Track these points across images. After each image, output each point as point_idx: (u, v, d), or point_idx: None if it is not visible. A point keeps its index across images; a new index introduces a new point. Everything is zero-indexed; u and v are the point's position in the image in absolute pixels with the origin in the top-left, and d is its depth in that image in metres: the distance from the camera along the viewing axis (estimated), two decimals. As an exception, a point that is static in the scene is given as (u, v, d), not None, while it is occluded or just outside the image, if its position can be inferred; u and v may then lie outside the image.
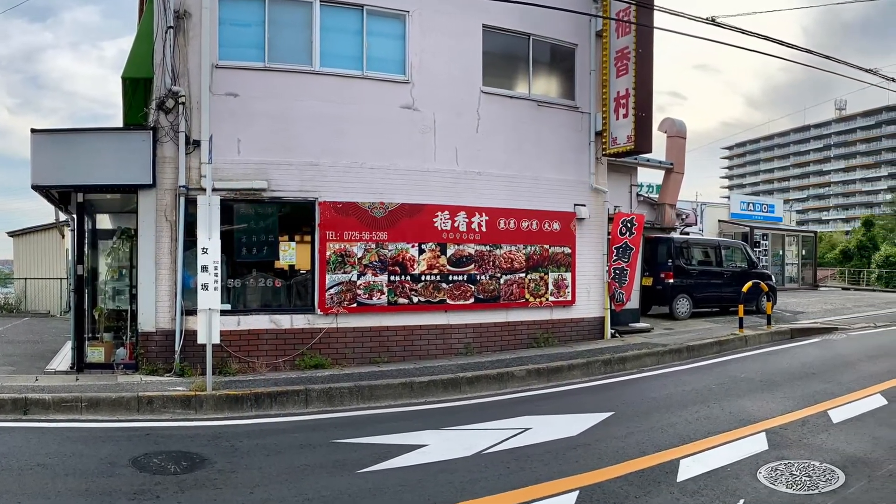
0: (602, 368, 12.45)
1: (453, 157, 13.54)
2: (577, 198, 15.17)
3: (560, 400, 10.53)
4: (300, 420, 9.27)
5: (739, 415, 9.10)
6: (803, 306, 25.07)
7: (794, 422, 8.70)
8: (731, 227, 37.79)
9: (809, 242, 42.09)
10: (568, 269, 14.94)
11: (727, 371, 12.50)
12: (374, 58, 12.97)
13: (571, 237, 14.99)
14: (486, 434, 8.28)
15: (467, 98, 13.77)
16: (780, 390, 10.60)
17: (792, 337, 16.61)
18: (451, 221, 13.42)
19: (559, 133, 14.99)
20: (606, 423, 8.81)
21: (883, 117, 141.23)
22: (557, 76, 15.56)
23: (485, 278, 13.80)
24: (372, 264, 12.72)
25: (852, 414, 9.01)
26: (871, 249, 54.41)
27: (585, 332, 15.31)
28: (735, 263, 23.09)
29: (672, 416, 9.07)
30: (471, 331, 13.73)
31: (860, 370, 12.13)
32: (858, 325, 18.83)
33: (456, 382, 10.88)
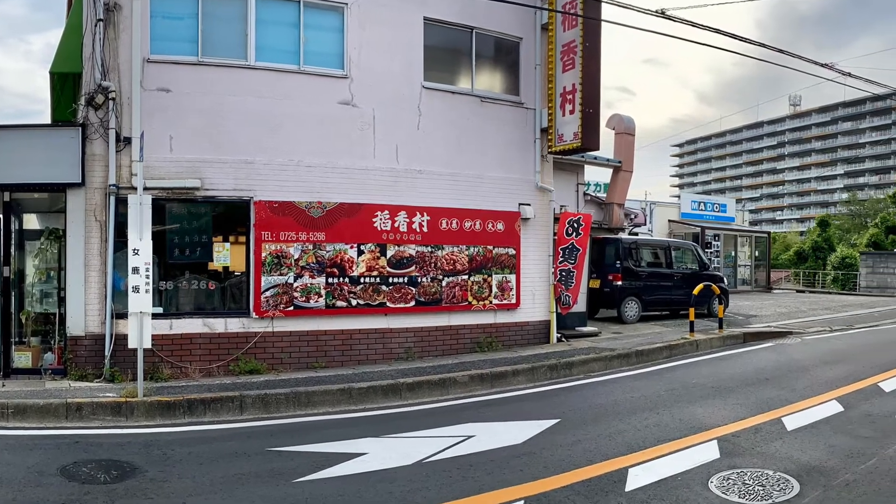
0: (548, 374, 12.68)
1: (393, 155, 13.85)
2: (522, 197, 15.55)
3: (504, 406, 10.68)
4: (235, 427, 9.40)
5: (690, 422, 9.28)
6: (756, 309, 25.76)
7: (747, 429, 8.87)
8: (682, 227, 38.65)
9: (763, 243, 43.13)
10: (512, 271, 15.30)
11: (678, 377, 12.77)
12: (311, 52, 13.24)
13: (516, 238, 15.35)
14: (427, 442, 8.42)
15: (408, 93, 14.10)
16: (732, 396, 10.84)
17: (745, 341, 17.10)
18: (392, 221, 13.72)
19: (503, 130, 15.36)
20: (552, 430, 8.95)
21: (839, 113, 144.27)
22: (502, 71, 15.95)
23: (426, 280, 14.13)
24: (309, 266, 12.98)
25: (807, 421, 9.22)
26: (827, 251, 55.75)
27: (530, 337, 15.69)
28: (686, 265, 23.68)
29: (620, 424, 9.24)
30: (412, 335, 14.05)
31: (815, 376, 12.46)
32: (814, 330, 19.36)
33: (396, 388, 11.09)
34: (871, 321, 22.16)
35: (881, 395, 10.78)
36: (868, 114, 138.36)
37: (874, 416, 9.50)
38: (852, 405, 10.09)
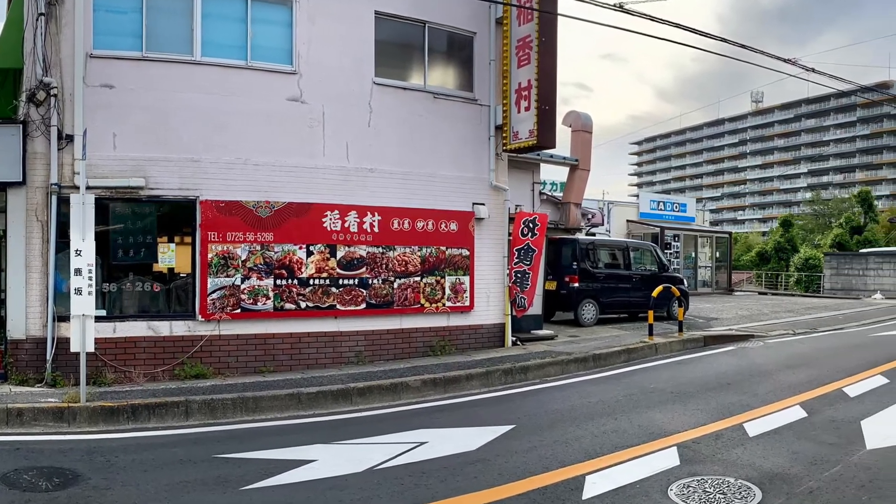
0: (502, 378, 12.90)
1: (344, 153, 14.09)
2: (476, 196, 15.81)
3: (458, 412, 10.83)
4: (180, 434, 9.52)
5: (649, 428, 9.37)
6: (717, 312, 26.18)
7: (707, 435, 8.97)
8: (641, 227, 39.15)
9: (724, 244, 43.67)
10: (466, 273, 15.55)
11: (636, 381, 12.96)
12: (258, 47, 13.43)
13: (470, 238, 15.61)
14: (378, 448, 8.50)
15: (359, 90, 14.33)
16: (692, 402, 10.98)
17: (705, 345, 17.36)
18: (342, 221, 13.94)
19: (457, 127, 15.63)
20: (507, 436, 9.04)
21: (802, 110, 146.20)
22: (455, 67, 16.24)
23: (377, 282, 14.36)
24: (257, 267, 13.18)
25: (769, 427, 9.31)
26: (790, 251, 56.59)
27: (485, 340, 15.94)
28: (644, 266, 24.08)
29: (577, 430, 9.34)
30: (362, 338, 14.28)
31: (778, 380, 12.66)
32: (776, 333, 19.76)
33: (347, 393, 11.26)
34: (835, 324, 22.55)
35: (846, 401, 10.93)
36: (832, 111, 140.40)
37: (838, 421, 9.61)
38: (816, 411, 10.23)
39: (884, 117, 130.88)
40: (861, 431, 9.09)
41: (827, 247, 58.27)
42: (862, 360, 14.72)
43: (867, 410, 10.24)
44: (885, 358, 14.97)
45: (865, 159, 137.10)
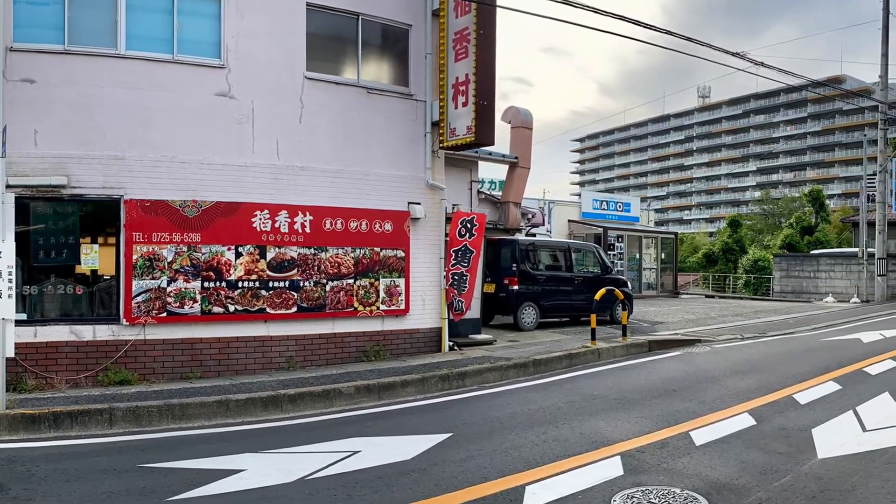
0: (439, 385, 13.11)
1: (274, 150, 14.32)
2: (412, 195, 16.06)
3: (393, 420, 10.96)
4: (104, 442, 9.63)
5: (592, 436, 9.48)
6: (663, 316, 26.68)
7: (652, 444, 9.07)
8: (583, 227, 39.63)
9: (669, 245, 44.40)
10: (401, 275, 15.83)
11: (578, 388, 13.11)
12: (185, 40, 13.61)
13: (405, 239, 15.87)
14: (310, 458, 8.61)
15: (290, 84, 14.57)
16: (636, 409, 11.12)
17: (650, 350, 17.70)
18: (272, 221, 14.18)
19: (392, 123, 15.88)
20: (444, 445, 9.14)
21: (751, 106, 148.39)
22: (390, 60, 16.55)
23: (309, 285, 14.61)
24: (183, 269, 13.39)
25: (717, 435, 9.45)
26: (738, 252, 57.38)
27: (421, 345, 16.24)
28: (587, 268, 24.49)
29: (517, 438, 9.43)
30: (293, 343, 14.54)
31: (726, 387, 12.85)
32: (724, 337, 20.15)
33: (277, 400, 11.43)
34: (785, 328, 22.99)
35: (796, 408, 11.10)
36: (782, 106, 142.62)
37: (789, 430, 9.75)
38: (765, 418, 10.39)
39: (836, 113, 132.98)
40: (812, 440, 9.24)
41: (777, 248, 59.47)
42: (813, 366, 14.99)
43: (819, 418, 10.40)
44: (837, 363, 15.26)
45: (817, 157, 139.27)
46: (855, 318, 27.04)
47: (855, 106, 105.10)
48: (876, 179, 37.81)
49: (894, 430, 9.71)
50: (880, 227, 37.08)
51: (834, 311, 30.29)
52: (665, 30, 18.68)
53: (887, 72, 37.03)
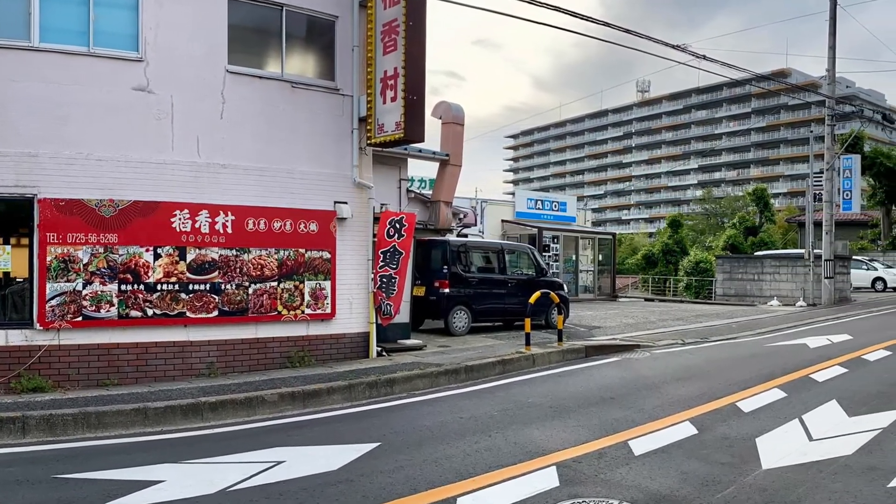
0: (367, 392, 13.33)
1: (194, 148, 14.48)
2: (338, 194, 16.26)
3: (318, 428, 11.18)
4: (17, 452, 9.74)
5: (526, 446, 9.65)
6: (600, 320, 27.14)
7: (589, 454, 9.24)
8: (517, 228, 40.09)
9: (607, 246, 44.98)
10: (327, 277, 16.03)
11: (512, 395, 13.34)
12: (102, 32, 13.73)
13: (331, 240, 16.08)
14: (232, 468, 8.78)
15: (211, 79, 14.73)
16: (573, 418, 11.34)
17: (587, 356, 17.99)
18: (192, 222, 14.34)
19: (318, 119, 16.07)
20: (372, 455, 9.31)
21: (692, 101, 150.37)
22: (316, 54, 16.76)
23: (231, 288, 14.78)
24: (100, 271, 13.53)
25: (657, 445, 9.64)
26: (679, 254, 57.87)
27: (347, 351, 16.44)
28: (521, 270, 24.83)
29: (448, 448, 9.60)
30: (215, 349, 14.70)
31: (666, 394, 13.12)
32: (664, 343, 20.50)
33: (197, 408, 11.61)
34: (728, 333, 23.38)
35: (739, 416, 11.37)
36: (725, 101, 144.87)
37: (732, 439, 9.98)
38: (707, 427, 10.61)
39: (781, 109, 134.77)
40: (756, 449, 9.44)
41: (719, 249, 60.41)
42: (757, 373, 15.30)
43: (763, 427, 10.62)
44: (782, 370, 15.57)
45: (761, 154, 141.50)
46: (801, 322, 27.60)
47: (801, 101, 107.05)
48: (823, 178, 38.14)
49: (842, 440, 9.91)
50: (827, 227, 37.33)
51: (779, 315, 30.80)
52: (603, 21, 19.15)
53: (835, 65, 37.40)
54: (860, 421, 11.04)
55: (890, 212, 62.04)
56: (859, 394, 13.15)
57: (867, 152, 57.60)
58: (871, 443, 9.78)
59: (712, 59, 24.59)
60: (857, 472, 8.51)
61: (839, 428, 10.62)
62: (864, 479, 8.29)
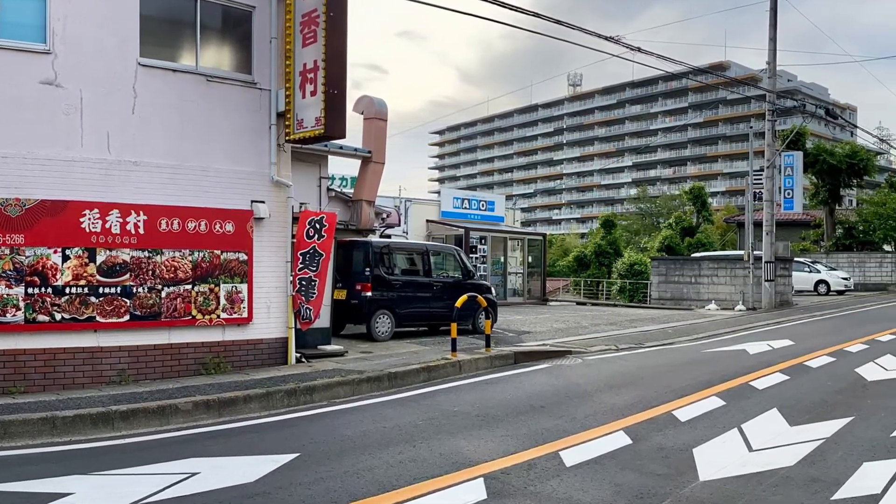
0: (285, 400, 13.55)
1: (105, 144, 14.59)
2: (256, 193, 16.42)
3: (235, 438, 11.32)
4: None
5: (452, 457, 9.83)
6: (530, 325, 27.60)
7: (518, 465, 9.44)
8: (443, 228, 40.56)
9: (537, 247, 45.58)
10: (244, 280, 16.18)
11: (438, 404, 13.61)
12: (7, 22, 13.77)
13: (248, 241, 16.24)
14: (144, 480, 8.87)
15: (122, 72, 14.85)
16: (501, 427, 11.55)
17: (516, 362, 18.38)
18: (102, 222, 14.44)
19: (234, 114, 16.22)
20: (290, 466, 9.48)
21: (626, 95, 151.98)
22: (232, 46, 16.92)
23: (143, 291, 14.91)
24: (6, 274, 13.61)
25: (589, 455, 9.84)
26: (612, 256, 59.21)
27: (265, 357, 16.63)
28: (447, 273, 25.26)
29: (370, 459, 9.77)
30: (126, 355, 14.83)
31: (599, 402, 13.41)
32: (597, 348, 20.96)
33: (108, 417, 11.74)
34: (664, 338, 23.91)
35: (676, 426, 11.65)
36: (660, 95, 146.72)
37: (668, 449, 10.21)
38: (642, 437, 10.86)
39: (719, 103, 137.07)
40: (693, 460, 9.65)
41: (655, 251, 61.38)
42: (694, 380, 15.66)
43: (700, 437, 10.87)
44: (720, 377, 15.94)
45: (698, 151, 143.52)
46: (740, 327, 28.23)
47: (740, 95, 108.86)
48: (763, 175, 38.79)
49: (783, 451, 10.16)
50: (768, 227, 38.27)
51: (717, 320, 31.32)
52: (532, 12, 19.48)
53: (775, 58, 38.02)
54: (802, 430, 11.33)
55: (833, 211, 62.96)
56: (801, 402, 13.50)
57: (810, 149, 58.76)
58: (813, 453, 10.02)
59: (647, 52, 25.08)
60: (798, 485, 8.73)
61: (780, 438, 10.88)
62: (806, 491, 8.50)
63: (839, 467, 9.39)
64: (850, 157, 59.81)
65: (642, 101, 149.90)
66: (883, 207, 60.31)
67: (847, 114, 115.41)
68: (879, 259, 58.89)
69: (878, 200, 62.72)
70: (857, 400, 13.81)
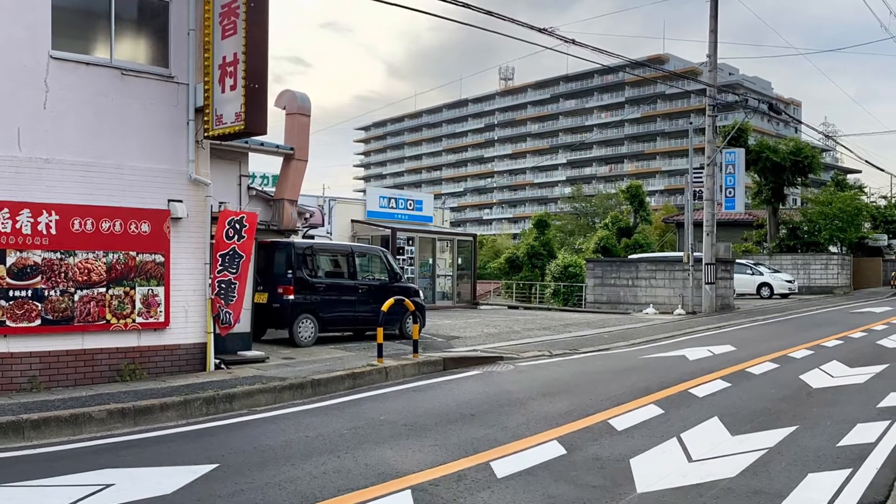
0: (204, 408, 13.59)
1: (14, 140, 14.60)
2: (173, 192, 16.48)
3: (151, 448, 11.26)
4: None
5: (379, 467, 9.89)
6: (460, 329, 27.80)
7: (447, 476, 9.48)
8: (369, 228, 40.77)
9: (467, 248, 45.87)
10: (161, 283, 16.24)
11: (363, 412, 13.65)
12: None
13: (165, 242, 16.29)
14: (56, 492, 8.88)
15: (33, 65, 14.87)
16: (430, 437, 11.64)
17: (445, 368, 18.49)
18: (12, 222, 14.45)
19: (151, 110, 16.26)
20: (209, 477, 9.48)
21: (560, 89, 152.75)
22: (148, 38, 17.00)
23: (55, 294, 14.94)
24: None
25: (522, 466, 9.90)
26: (546, 257, 59.69)
27: (183, 363, 16.72)
28: (373, 275, 25.48)
29: (293, 470, 9.82)
30: (37, 361, 14.85)
31: (532, 411, 13.50)
32: (530, 354, 21.12)
33: (18, 426, 11.70)
34: (600, 344, 24.07)
35: (612, 435, 11.74)
36: (596, 90, 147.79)
37: (604, 459, 10.29)
38: (577, 447, 10.93)
39: (657, 98, 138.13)
40: (631, 471, 9.75)
41: (590, 252, 61.72)
42: (631, 387, 15.83)
43: (638, 447, 10.97)
44: (659, 384, 16.11)
45: (636, 148, 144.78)
46: (679, 332, 28.58)
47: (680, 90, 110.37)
48: (703, 173, 39.13)
49: (724, 461, 10.28)
50: (708, 228, 38.52)
51: (656, 325, 31.74)
52: (462, 2, 19.50)
53: (716, 50, 38.32)
54: (744, 440, 11.49)
55: (777, 211, 63.47)
56: (743, 410, 13.69)
57: (752, 146, 59.24)
58: (756, 464, 10.16)
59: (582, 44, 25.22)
60: (740, 496, 8.86)
61: (721, 448, 11.02)
62: (748, 503, 8.67)
63: (783, 478, 9.53)
64: (794, 155, 60.05)
65: (577, 96, 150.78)
66: (829, 207, 60.68)
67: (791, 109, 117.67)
68: (825, 261, 59.42)
69: (824, 199, 63.01)
70: (801, 408, 14.00)
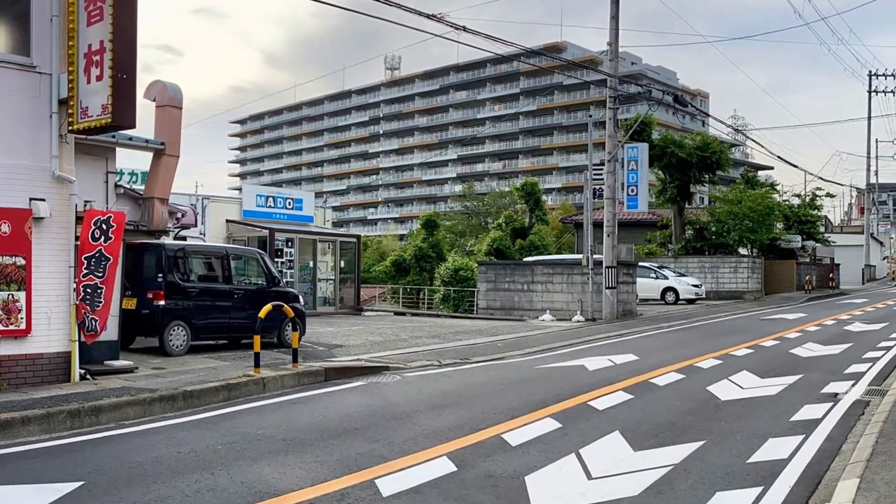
0: (68, 422, 13.48)
1: None
2: (35, 190, 16.22)
3: (11, 465, 11.15)
4: None
5: (256, 485, 9.90)
6: (343, 337, 28.06)
7: (329, 494, 9.54)
8: (245, 229, 40.94)
9: (351, 250, 46.16)
10: (22, 287, 16.06)
11: (239, 426, 13.70)
12: None
13: (26, 243, 16.10)
14: None
15: None
16: (310, 452, 11.74)
17: (327, 379, 18.64)
18: None
19: (11, 101, 16.05)
20: (74, 496, 9.43)
21: (450, 80, 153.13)
22: (8, 24, 16.85)
23: None
24: None
25: (409, 484, 9.97)
26: (435, 260, 59.96)
27: (46, 374, 16.56)
28: (250, 279, 25.64)
29: (164, 488, 9.78)
30: None
31: (420, 425, 13.68)
32: (418, 364, 21.30)
33: None
34: (493, 353, 24.29)
35: (506, 450, 11.85)
36: (489, 80, 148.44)
37: (497, 477, 10.37)
38: (469, 463, 11.01)
39: (555, 89, 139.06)
40: (526, 490, 9.80)
41: (482, 254, 62.19)
42: (527, 399, 15.97)
43: (533, 463, 11.07)
44: (556, 396, 16.24)
45: (531, 142, 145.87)
46: (578, 340, 28.84)
47: (578, 80, 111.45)
48: (604, 170, 39.06)
49: (626, 478, 10.39)
50: (609, 228, 38.58)
51: (553, 332, 31.85)
52: None
53: (618, 38, 38.50)
54: (648, 456, 11.59)
55: (683, 210, 63.52)
56: (647, 424, 13.88)
57: (656, 140, 59.25)
58: (660, 482, 10.25)
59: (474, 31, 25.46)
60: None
61: (623, 464, 11.13)
62: None
63: (689, 497, 9.64)
64: (701, 150, 59.91)
65: (468, 87, 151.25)
66: (738, 206, 60.82)
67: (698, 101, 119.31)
68: (734, 264, 59.77)
69: (733, 198, 63.35)
70: (709, 422, 14.20)
